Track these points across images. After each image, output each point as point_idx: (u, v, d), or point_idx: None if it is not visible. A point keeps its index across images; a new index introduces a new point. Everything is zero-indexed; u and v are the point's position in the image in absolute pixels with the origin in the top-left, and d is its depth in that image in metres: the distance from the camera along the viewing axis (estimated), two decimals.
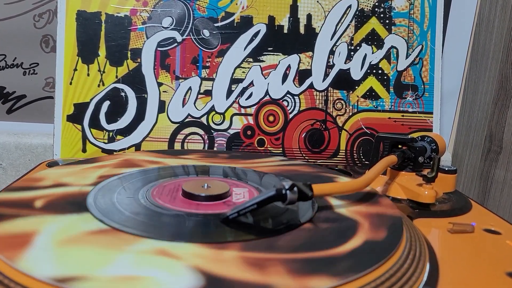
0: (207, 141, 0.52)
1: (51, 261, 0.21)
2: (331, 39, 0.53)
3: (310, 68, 0.53)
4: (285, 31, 0.53)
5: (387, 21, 0.54)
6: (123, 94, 0.50)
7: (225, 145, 0.52)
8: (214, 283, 0.19)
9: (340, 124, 0.54)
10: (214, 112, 0.52)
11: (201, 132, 0.51)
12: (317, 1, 0.53)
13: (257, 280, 0.20)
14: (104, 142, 0.50)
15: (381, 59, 0.54)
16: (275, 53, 0.52)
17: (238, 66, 0.52)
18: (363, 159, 0.54)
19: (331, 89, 0.54)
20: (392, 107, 0.55)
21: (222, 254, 0.22)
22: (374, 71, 0.54)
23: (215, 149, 0.52)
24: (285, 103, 0.53)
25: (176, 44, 0.51)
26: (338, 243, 0.25)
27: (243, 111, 0.52)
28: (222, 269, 0.21)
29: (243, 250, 0.23)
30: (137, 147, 0.50)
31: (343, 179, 0.38)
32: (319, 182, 0.29)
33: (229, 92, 0.52)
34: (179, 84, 0.51)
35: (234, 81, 0.52)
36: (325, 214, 0.29)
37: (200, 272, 0.20)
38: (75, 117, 0.49)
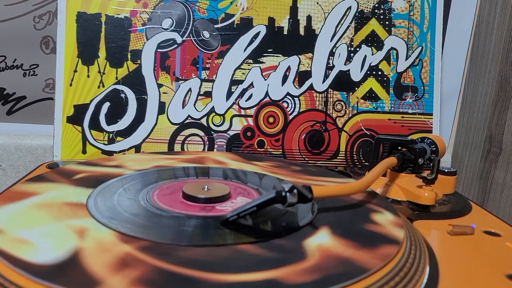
0: (207, 143, 0.52)
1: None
2: (331, 41, 0.53)
3: (310, 69, 0.53)
4: (285, 32, 0.53)
5: (387, 23, 0.54)
6: (123, 95, 0.50)
7: (225, 146, 0.52)
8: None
9: (340, 126, 0.54)
10: (214, 114, 0.52)
11: (201, 133, 0.51)
12: (317, 3, 0.53)
13: None
14: (104, 144, 0.50)
15: (381, 61, 0.54)
16: (275, 55, 0.52)
17: (238, 68, 0.52)
18: (363, 161, 0.54)
19: (331, 90, 0.54)
20: (392, 108, 0.55)
21: None
22: (374, 72, 0.54)
23: (215, 150, 0.52)
24: (285, 105, 0.53)
25: (176, 45, 0.51)
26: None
27: (243, 112, 0.52)
28: None
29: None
30: (137, 148, 0.50)
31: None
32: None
33: (229, 94, 0.52)
34: (179, 86, 0.51)
35: (234, 82, 0.52)
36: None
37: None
38: (75, 118, 0.49)
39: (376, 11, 0.54)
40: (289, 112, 0.53)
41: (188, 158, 0.43)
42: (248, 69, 0.52)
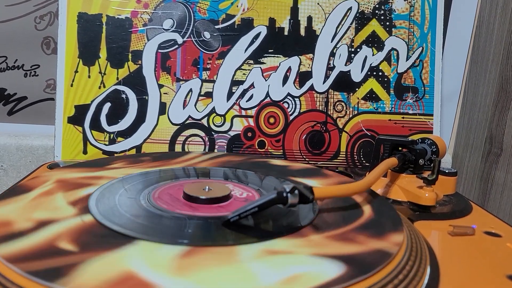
0: (208, 143, 0.52)
1: None
2: (331, 41, 0.53)
3: (310, 70, 0.53)
4: (286, 33, 0.53)
5: (388, 23, 0.54)
6: (124, 96, 0.50)
7: (225, 147, 0.52)
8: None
9: (341, 126, 0.54)
10: (214, 114, 0.52)
11: (202, 134, 0.51)
12: (318, 3, 0.53)
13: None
14: (105, 144, 0.50)
15: (381, 61, 0.54)
16: (276, 55, 0.52)
17: (239, 68, 0.52)
18: (364, 161, 0.54)
19: (332, 91, 0.54)
20: (393, 109, 0.55)
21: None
22: (375, 73, 0.54)
23: (215, 151, 0.52)
24: (285, 105, 0.53)
25: (177, 46, 0.51)
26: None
27: (243, 113, 0.52)
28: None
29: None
30: (138, 149, 0.50)
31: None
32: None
33: (230, 94, 0.52)
34: (180, 86, 0.51)
35: (235, 83, 0.52)
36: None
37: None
38: (76, 119, 0.49)
39: (376, 11, 0.54)
40: (290, 113, 0.53)
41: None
42: (248, 69, 0.52)
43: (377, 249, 0.24)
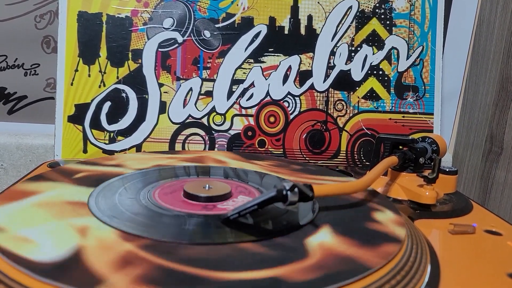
0: (208, 142, 0.52)
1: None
2: (331, 40, 0.53)
3: (310, 69, 0.53)
4: (286, 32, 0.53)
5: (388, 22, 0.54)
6: (124, 95, 0.50)
7: (226, 146, 0.52)
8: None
9: (341, 125, 0.54)
10: (215, 113, 0.52)
11: (202, 133, 0.51)
12: (318, 2, 0.53)
13: None
14: (105, 143, 0.50)
15: (381, 60, 0.54)
16: (276, 54, 0.52)
17: (239, 67, 0.52)
18: (364, 160, 0.54)
19: (332, 90, 0.54)
20: (393, 108, 0.55)
21: None
22: (375, 72, 0.54)
23: (215, 150, 0.52)
24: (285, 104, 0.53)
25: (177, 45, 0.51)
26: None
27: (244, 112, 0.52)
28: None
29: None
30: (138, 148, 0.50)
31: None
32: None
33: (230, 93, 0.52)
34: (180, 85, 0.51)
35: (235, 82, 0.52)
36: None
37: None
38: (76, 117, 0.49)
39: (377, 10, 0.54)
40: (290, 112, 0.53)
41: (188, 157, 0.43)
42: (249, 68, 0.52)
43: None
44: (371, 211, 0.30)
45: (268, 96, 0.52)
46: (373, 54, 0.54)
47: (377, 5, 0.54)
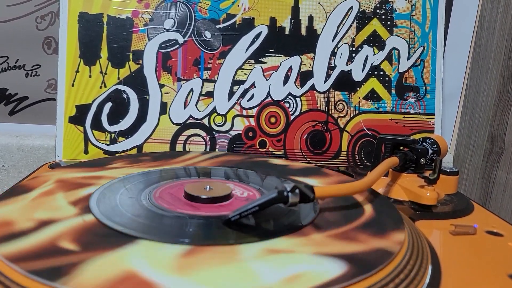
0: (209, 143, 0.52)
1: None
2: (332, 41, 0.53)
3: (311, 69, 0.53)
4: (287, 32, 0.53)
5: (389, 23, 0.54)
6: (125, 95, 0.50)
7: (226, 146, 0.52)
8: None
9: (342, 126, 0.54)
10: (215, 114, 0.52)
11: (203, 133, 0.51)
12: (319, 3, 0.53)
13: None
14: (106, 144, 0.50)
15: (382, 61, 0.54)
16: (277, 55, 0.52)
17: (240, 68, 0.52)
18: (365, 161, 0.54)
19: (333, 90, 0.54)
20: (394, 108, 0.55)
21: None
22: (376, 72, 0.54)
23: (216, 150, 0.52)
24: (286, 105, 0.53)
25: (177, 45, 0.51)
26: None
27: (244, 112, 0.52)
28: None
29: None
30: (139, 148, 0.50)
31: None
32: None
33: (231, 94, 0.52)
34: (181, 86, 0.51)
35: (236, 82, 0.52)
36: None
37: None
38: (77, 118, 0.49)
39: (377, 11, 0.54)
40: (291, 112, 0.53)
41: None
42: (249, 69, 0.52)
43: (378, 248, 0.24)
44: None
45: (269, 97, 0.52)
46: (374, 54, 0.54)
47: (378, 5, 0.54)
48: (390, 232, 0.27)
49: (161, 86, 0.51)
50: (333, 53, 0.53)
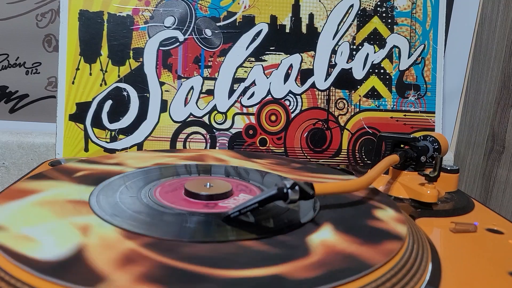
0: (209, 141, 0.52)
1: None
2: (333, 39, 0.53)
3: (312, 67, 0.53)
4: (287, 30, 0.53)
5: (389, 21, 0.54)
6: (125, 93, 0.50)
7: (227, 144, 0.52)
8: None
9: (342, 124, 0.54)
10: (216, 112, 0.52)
11: (203, 131, 0.51)
12: (319, 1, 0.53)
13: None
14: (106, 141, 0.50)
15: (383, 59, 0.54)
16: (277, 53, 0.52)
17: (240, 66, 0.52)
18: (365, 159, 0.54)
19: (333, 88, 0.53)
20: (394, 106, 0.55)
21: None
22: (376, 70, 0.54)
23: (216, 148, 0.52)
24: (287, 103, 0.53)
25: (178, 43, 0.51)
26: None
27: (245, 110, 0.52)
28: None
29: None
30: (139, 146, 0.50)
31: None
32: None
33: (231, 92, 0.52)
34: (181, 84, 0.51)
35: (236, 80, 0.52)
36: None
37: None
38: (78, 116, 0.49)
39: (378, 9, 0.54)
40: (291, 110, 0.53)
41: (189, 156, 0.43)
42: (250, 67, 0.52)
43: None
44: (372, 210, 0.30)
45: (269, 95, 0.52)
46: (375, 52, 0.54)
47: (379, 3, 0.54)
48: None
49: (162, 84, 0.51)
50: (334, 51, 0.53)
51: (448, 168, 0.41)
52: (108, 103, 0.50)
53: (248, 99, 0.52)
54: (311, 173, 0.39)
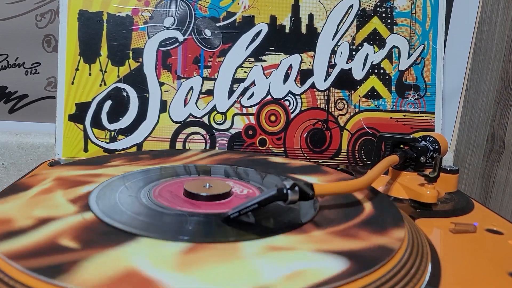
0: (209, 141, 0.52)
1: None
2: (332, 39, 0.53)
3: (311, 67, 0.53)
4: (287, 30, 0.52)
5: (389, 21, 0.54)
6: (124, 93, 0.50)
7: (226, 144, 0.52)
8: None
9: (342, 124, 0.54)
10: (215, 112, 0.52)
11: (203, 131, 0.51)
12: (319, 1, 0.53)
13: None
14: (105, 142, 0.50)
15: (383, 59, 0.54)
16: (277, 53, 0.52)
17: (240, 66, 0.52)
18: (365, 159, 0.54)
19: (333, 89, 0.53)
20: (394, 107, 0.55)
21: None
22: (376, 71, 0.54)
23: (216, 149, 0.52)
24: (286, 103, 0.53)
25: (177, 43, 0.51)
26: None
27: (244, 110, 0.52)
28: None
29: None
30: (139, 146, 0.50)
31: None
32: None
33: (231, 92, 0.52)
34: (181, 84, 0.51)
35: (236, 80, 0.52)
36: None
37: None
38: (77, 116, 0.49)
39: (378, 9, 0.54)
40: (291, 111, 0.53)
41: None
42: (249, 67, 0.52)
43: (378, 246, 0.24)
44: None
45: (269, 95, 0.52)
46: (374, 53, 0.54)
47: (378, 3, 0.54)
48: (390, 229, 0.27)
49: (161, 84, 0.51)
50: (333, 51, 0.53)
51: (448, 169, 0.40)
52: (108, 103, 0.50)
53: (247, 99, 0.52)
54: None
